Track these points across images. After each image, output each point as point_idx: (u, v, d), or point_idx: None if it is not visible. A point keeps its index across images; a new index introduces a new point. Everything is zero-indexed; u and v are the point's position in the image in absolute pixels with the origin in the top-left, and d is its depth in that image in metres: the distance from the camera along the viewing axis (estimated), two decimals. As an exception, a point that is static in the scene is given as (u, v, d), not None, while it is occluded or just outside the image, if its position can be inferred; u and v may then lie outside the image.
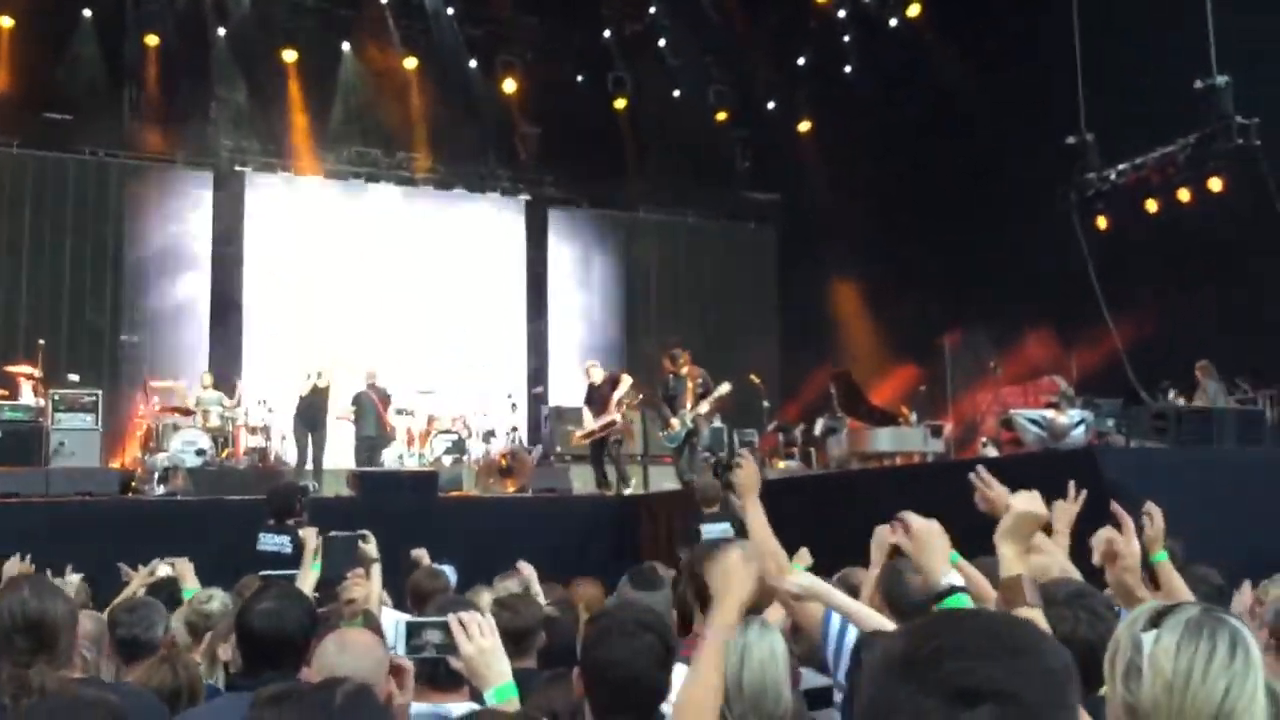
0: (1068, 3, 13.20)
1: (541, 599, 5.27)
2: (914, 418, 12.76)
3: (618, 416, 13.05)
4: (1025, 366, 13.39)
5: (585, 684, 2.53)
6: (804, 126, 17.91)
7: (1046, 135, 13.42)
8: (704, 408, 11.99)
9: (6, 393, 12.50)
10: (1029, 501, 2.67)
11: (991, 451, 10.79)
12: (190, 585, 5.22)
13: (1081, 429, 9.69)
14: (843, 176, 16.77)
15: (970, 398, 13.74)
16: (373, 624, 3.69)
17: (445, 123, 16.94)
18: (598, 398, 13.09)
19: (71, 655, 3.00)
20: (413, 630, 2.40)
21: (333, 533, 4.80)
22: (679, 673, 3.42)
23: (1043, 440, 9.72)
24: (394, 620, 3.14)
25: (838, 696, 3.43)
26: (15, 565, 5.18)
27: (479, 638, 2.35)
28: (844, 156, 16.80)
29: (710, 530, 8.23)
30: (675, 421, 12.03)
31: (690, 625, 3.99)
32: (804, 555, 4.34)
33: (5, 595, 2.89)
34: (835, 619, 3.36)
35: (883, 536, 4.10)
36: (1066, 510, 4.03)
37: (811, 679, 3.59)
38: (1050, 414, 10.16)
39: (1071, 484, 4.05)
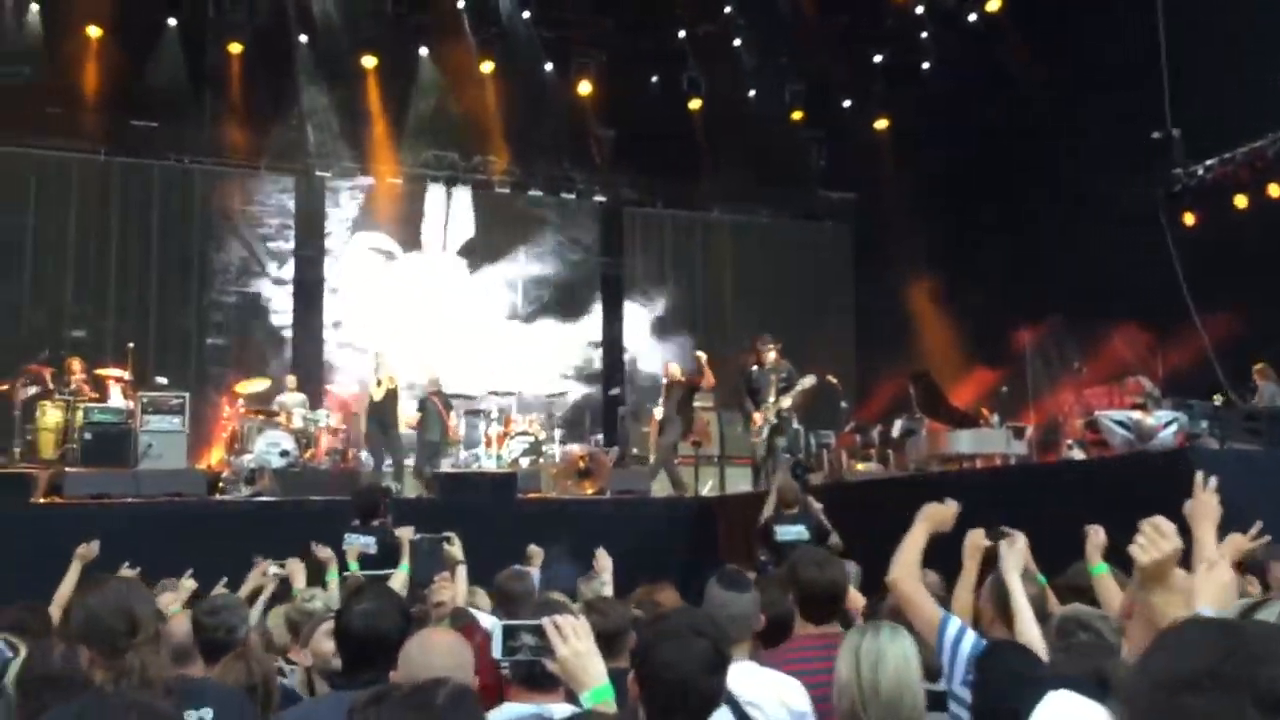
0: (1151, -2, 12.94)
1: (607, 590, 5.30)
2: (995, 419, 12.60)
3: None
4: (1109, 367, 13.13)
5: (640, 686, 2.56)
6: (880, 124, 17.75)
7: (1131, 132, 13.16)
8: (786, 401, 11.61)
9: (97, 396, 12.83)
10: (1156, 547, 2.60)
11: (1078, 454, 10.60)
12: (299, 585, 5.33)
13: (1171, 430, 9.47)
14: (919, 175, 16.59)
15: (1053, 399, 13.51)
16: (464, 622, 3.73)
17: (521, 125, 17.06)
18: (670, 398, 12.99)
19: (157, 648, 3.08)
20: (508, 633, 2.42)
21: (418, 535, 4.86)
22: (767, 681, 3.42)
23: (1130, 442, 9.53)
24: (492, 622, 3.18)
25: (950, 704, 3.39)
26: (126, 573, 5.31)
27: (574, 640, 2.36)
28: (920, 154, 16.62)
29: (786, 532, 8.19)
30: (758, 416, 11.66)
31: (785, 627, 3.98)
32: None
33: (95, 590, 2.99)
34: (952, 626, 3.32)
35: (976, 541, 4.05)
36: (1235, 543, 3.84)
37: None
38: (1137, 415, 9.96)
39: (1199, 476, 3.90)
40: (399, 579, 5.51)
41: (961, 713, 3.23)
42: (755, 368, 11.79)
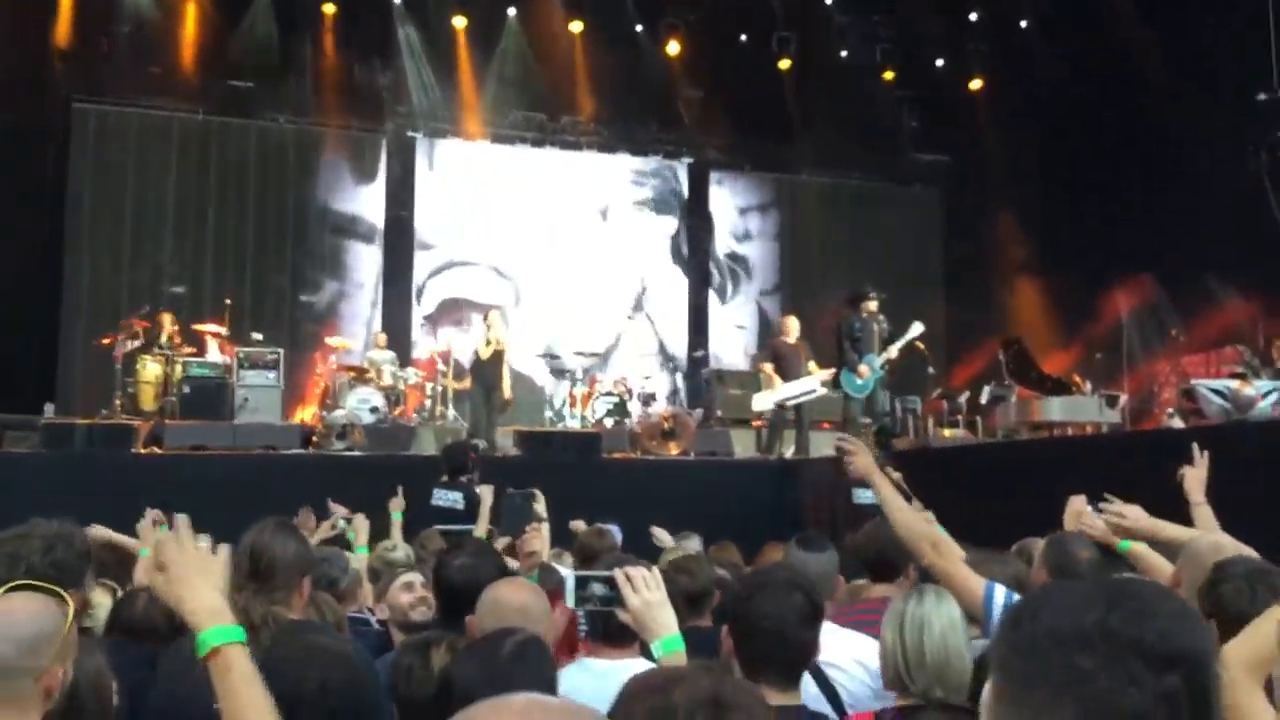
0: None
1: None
2: (1088, 386, 12.36)
3: (820, 388, 12.08)
4: (1208, 334, 12.81)
5: (735, 639, 2.59)
6: (974, 85, 17.39)
7: (1235, 94, 12.73)
8: (893, 352, 11.04)
9: (195, 350, 13.18)
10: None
11: (1178, 423, 10.35)
12: (361, 543, 5.44)
13: (1270, 400, 9.23)
14: (1014, 137, 16.24)
15: (1148, 367, 13.22)
16: (553, 579, 3.80)
17: (609, 86, 17.03)
18: (792, 357, 12.22)
19: (289, 595, 3.14)
20: (580, 583, 2.44)
21: (509, 490, 4.94)
22: (845, 641, 3.43)
23: (1226, 412, 9.30)
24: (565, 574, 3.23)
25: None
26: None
27: (645, 591, 2.37)
28: (1016, 116, 16.27)
29: (863, 496, 8.13)
30: (864, 368, 10.98)
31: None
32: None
33: (251, 530, 3.14)
34: (999, 591, 3.30)
35: (1078, 507, 3.99)
36: (1196, 476, 3.88)
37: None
38: (1235, 384, 9.71)
39: (1195, 446, 3.90)
40: (479, 534, 5.62)
41: None
42: (857, 319, 11.15)
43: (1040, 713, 1.11)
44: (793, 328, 12.37)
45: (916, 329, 10.97)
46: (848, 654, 3.37)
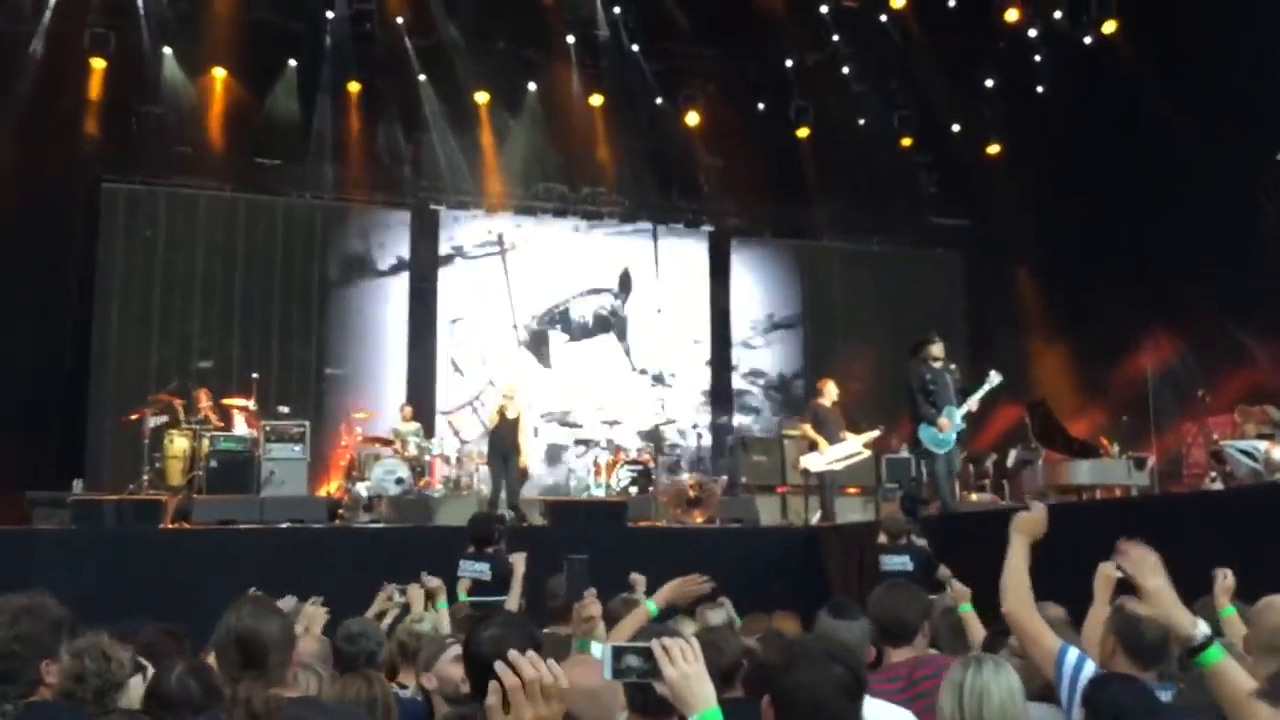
0: (1272, 18, 12.56)
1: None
2: (1115, 449, 12.29)
3: (864, 450, 12.07)
4: (1234, 394, 12.73)
5: (775, 711, 2.55)
6: (992, 149, 17.52)
7: (1253, 155, 12.79)
8: (973, 404, 10.37)
9: (223, 424, 13.26)
10: None
11: (1218, 485, 10.25)
12: (416, 610, 5.45)
13: (1300, 461, 9.17)
14: (1033, 200, 16.31)
15: (1175, 428, 13.13)
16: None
17: (629, 156, 17.24)
18: (831, 420, 12.15)
19: (284, 673, 3.16)
20: (617, 654, 2.39)
21: (570, 556, 4.96)
22: (879, 713, 3.40)
23: (1257, 473, 9.25)
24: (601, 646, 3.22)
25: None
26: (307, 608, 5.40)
27: (682, 663, 2.32)
28: (1035, 179, 16.34)
29: (890, 562, 8.12)
30: (945, 420, 10.18)
31: (880, 658, 3.99)
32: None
33: (227, 614, 3.08)
34: (1070, 655, 3.28)
35: (1108, 573, 3.98)
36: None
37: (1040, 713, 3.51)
38: (1264, 445, 9.66)
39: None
40: (511, 604, 5.61)
41: None
42: (927, 370, 10.38)
43: None
44: (830, 391, 12.32)
45: (995, 378, 10.42)
46: (880, 725, 3.34)
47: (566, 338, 17.41)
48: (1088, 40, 15.72)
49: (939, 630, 4.61)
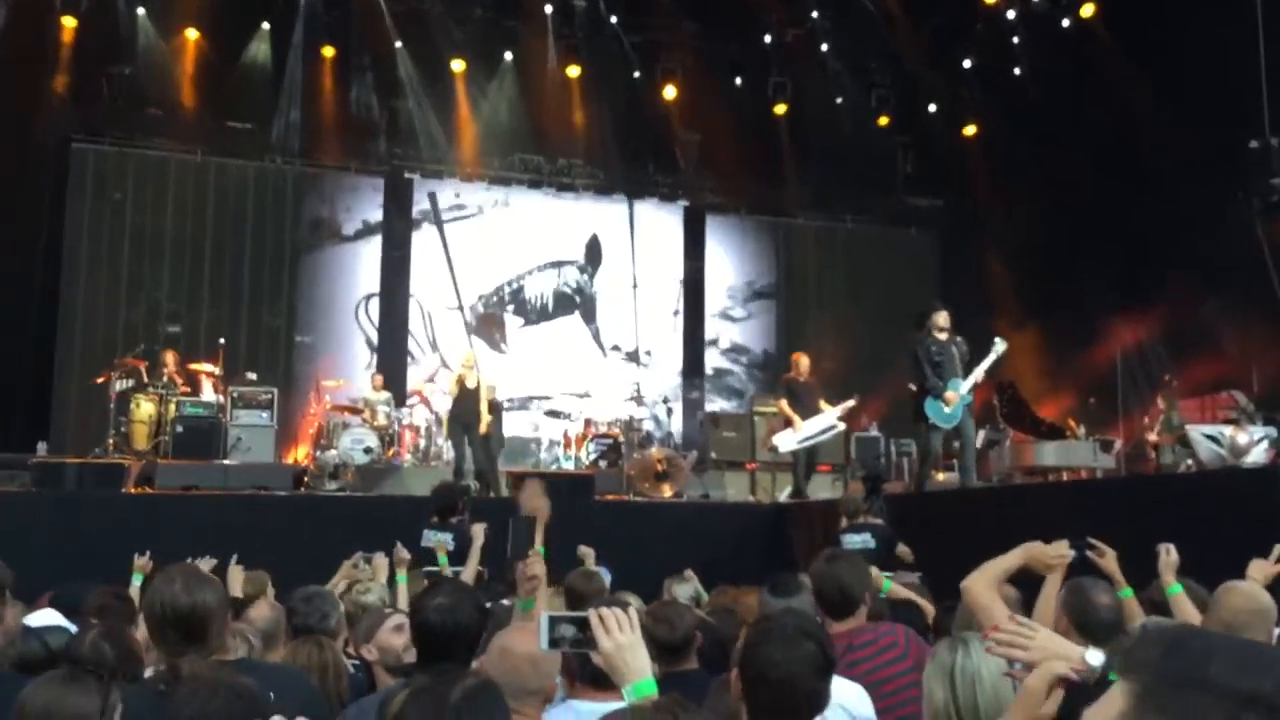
0: (1251, 5, 12.58)
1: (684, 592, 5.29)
2: (1082, 431, 12.37)
3: (839, 424, 12.02)
4: (1201, 380, 12.83)
5: (744, 686, 2.54)
6: (969, 131, 17.53)
7: (1226, 140, 12.82)
8: (979, 375, 10.19)
9: (190, 389, 13.15)
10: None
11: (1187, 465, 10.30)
12: (381, 580, 5.45)
13: (1263, 447, 9.24)
14: (1009, 181, 16.33)
15: (1141, 412, 13.23)
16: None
17: (606, 130, 17.16)
18: (805, 394, 12.09)
19: (224, 640, 3.14)
20: (553, 623, 2.39)
21: (515, 515, 4.94)
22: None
23: (1220, 458, 9.31)
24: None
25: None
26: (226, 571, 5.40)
27: (617, 632, 2.31)
28: (1010, 160, 16.36)
29: (851, 541, 8.13)
30: (951, 393, 9.99)
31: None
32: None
33: (158, 588, 3.03)
34: None
35: (1059, 551, 3.96)
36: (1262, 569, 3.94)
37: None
38: (1229, 430, 9.73)
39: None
40: (469, 574, 5.61)
41: None
42: (934, 342, 10.22)
43: None
44: (804, 365, 12.30)
45: (1000, 347, 10.17)
46: (832, 700, 3.33)
47: (521, 321, 17.30)
48: (1066, 23, 15.72)
49: (882, 609, 4.61)
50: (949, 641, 3.00)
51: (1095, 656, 2.49)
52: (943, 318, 10.30)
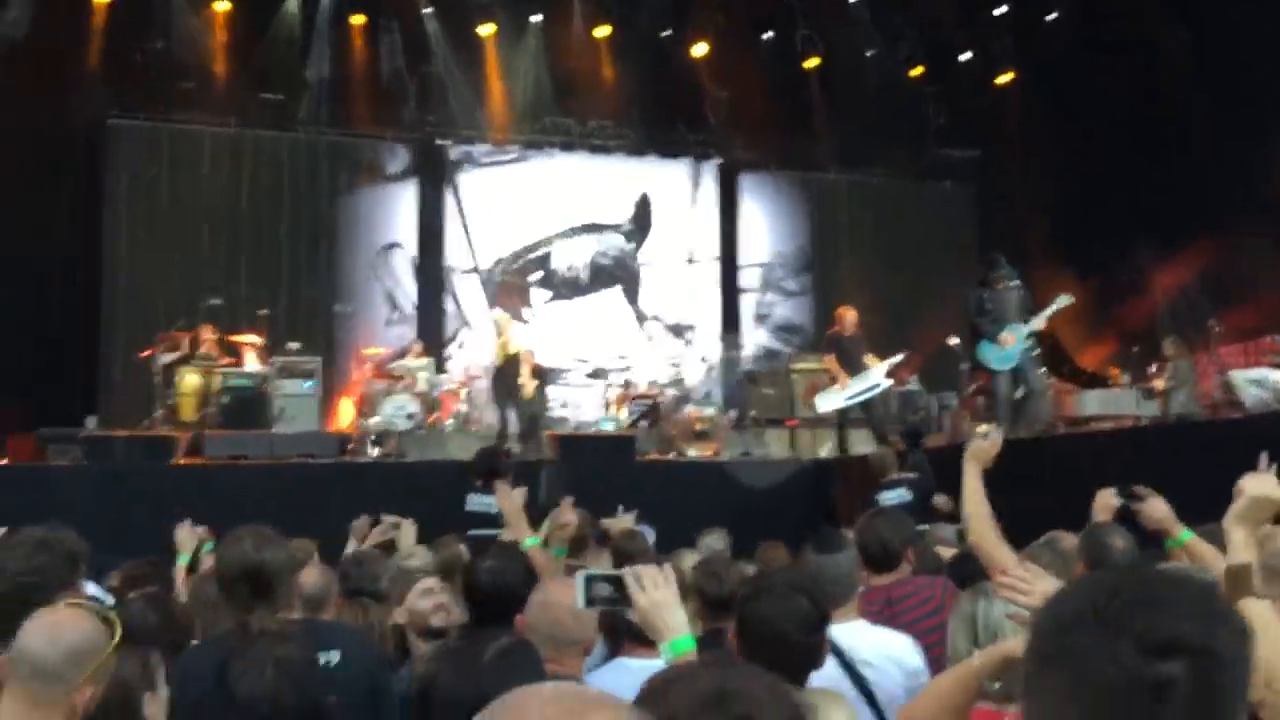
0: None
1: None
2: (1125, 379, 12.27)
3: (886, 380, 11.80)
4: (1244, 325, 12.68)
5: (739, 644, 2.58)
6: (1003, 79, 17.30)
7: (1266, 79, 12.61)
8: (1039, 323, 10.04)
9: (233, 361, 13.30)
10: (1264, 484, 2.51)
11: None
12: (405, 544, 5.52)
13: (1309, 390, 9.14)
14: (1044, 130, 16.12)
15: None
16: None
17: (637, 90, 17.07)
18: (852, 349, 11.95)
19: (290, 600, 3.24)
20: (589, 583, 2.41)
21: (550, 464, 5.02)
22: (878, 639, 3.44)
23: (1264, 402, 9.23)
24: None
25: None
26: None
27: (653, 590, 2.31)
28: (1046, 109, 16.16)
29: (887, 497, 8.15)
30: (1008, 334, 9.87)
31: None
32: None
33: (229, 547, 3.15)
34: None
35: (1107, 500, 3.99)
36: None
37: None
38: (1274, 375, 9.63)
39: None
40: (508, 536, 5.68)
41: None
42: (984, 290, 10.23)
43: (1041, 685, 1.16)
44: (850, 319, 12.08)
45: (1065, 299, 10.12)
46: (881, 652, 3.37)
47: (549, 294, 17.30)
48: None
49: (926, 560, 4.65)
50: (971, 592, 3.03)
51: None
52: (1001, 270, 10.26)
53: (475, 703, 2.01)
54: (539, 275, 17.24)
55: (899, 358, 12.02)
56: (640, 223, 17.75)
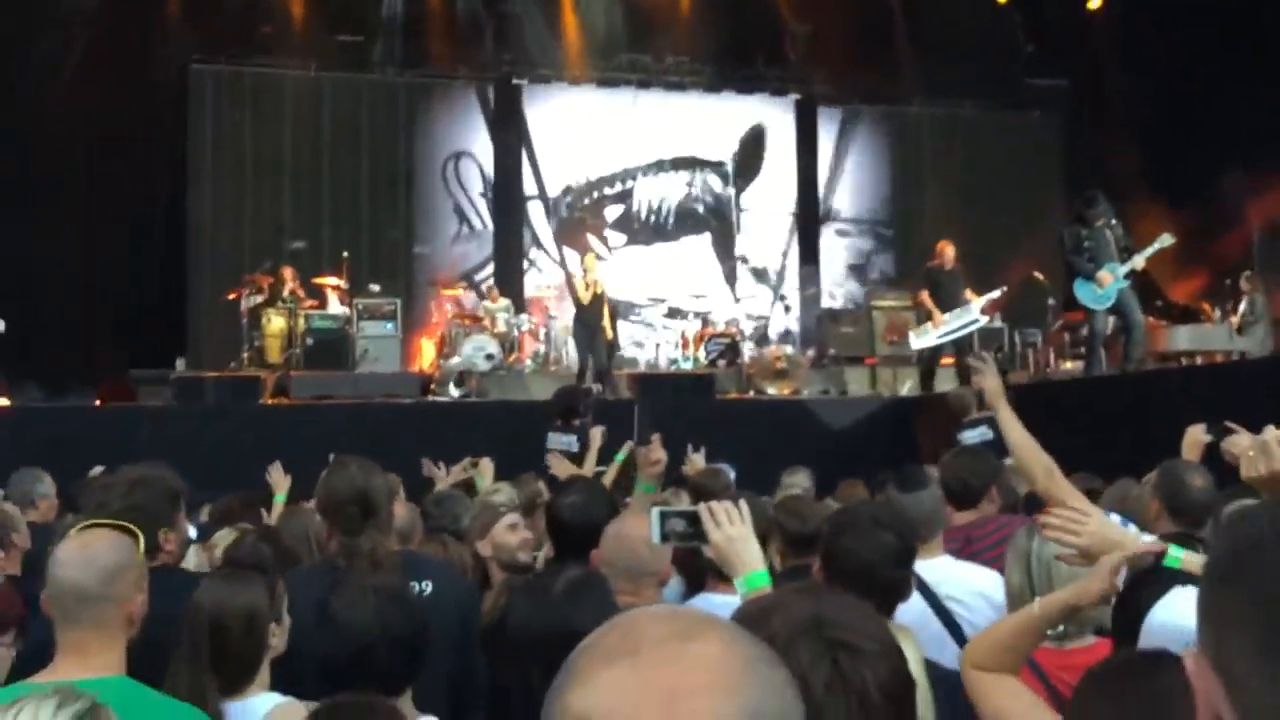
0: None
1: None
2: (1217, 314, 11.95)
3: (981, 317, 11.57)
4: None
5: (825, 578, 2.57)
6: (1093, 4, 16.73)
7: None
8: (1139, 262, 9.78)
9: (317, 303, 13.51)
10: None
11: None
12: (486, 482, 5.59)
13: None
14: (1137, 58, 15.59)
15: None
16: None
17: (714, 25, 16.80)
18: (950, 284, 11.70)
19: (390, 526, 3.34)
20: (663, 519, 2.41)
21: (642, 403, 5.08)
22: (965, 575, 3.40)
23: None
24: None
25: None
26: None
27: (727, 525, 2.32)
28: (1139, 35, 15.58)
29: (968, 436, 8.03)
30: (1105, 273, 9.67)
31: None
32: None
33: (335, 473, 3.27)
34: (1114, 520, 3.23)
35: (1196, 437, 3.90)
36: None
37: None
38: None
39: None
40: (587, 472, 5.75)
41: None
42: (1083, 228, 9.97)
43: (1219, 604, 1.11)
44: (950, 254, 11.81)
45: (1166, 239, 9.88)
46: (968, 587, 3.35)
47: (654, 210, 17.22)
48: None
49: (1008, 496, 4.59)
50: (1027, 528, 3.00)
51: (1149, 541, 2.50)
52: (1097, 207, 9.99)
53: (545, 634, 2.04)
54: (620, 211, 17.16)
55: (996, 293, 11.76)
56: (747, 161, 17.49)
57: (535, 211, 16.99)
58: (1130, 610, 2.70)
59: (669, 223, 17.28)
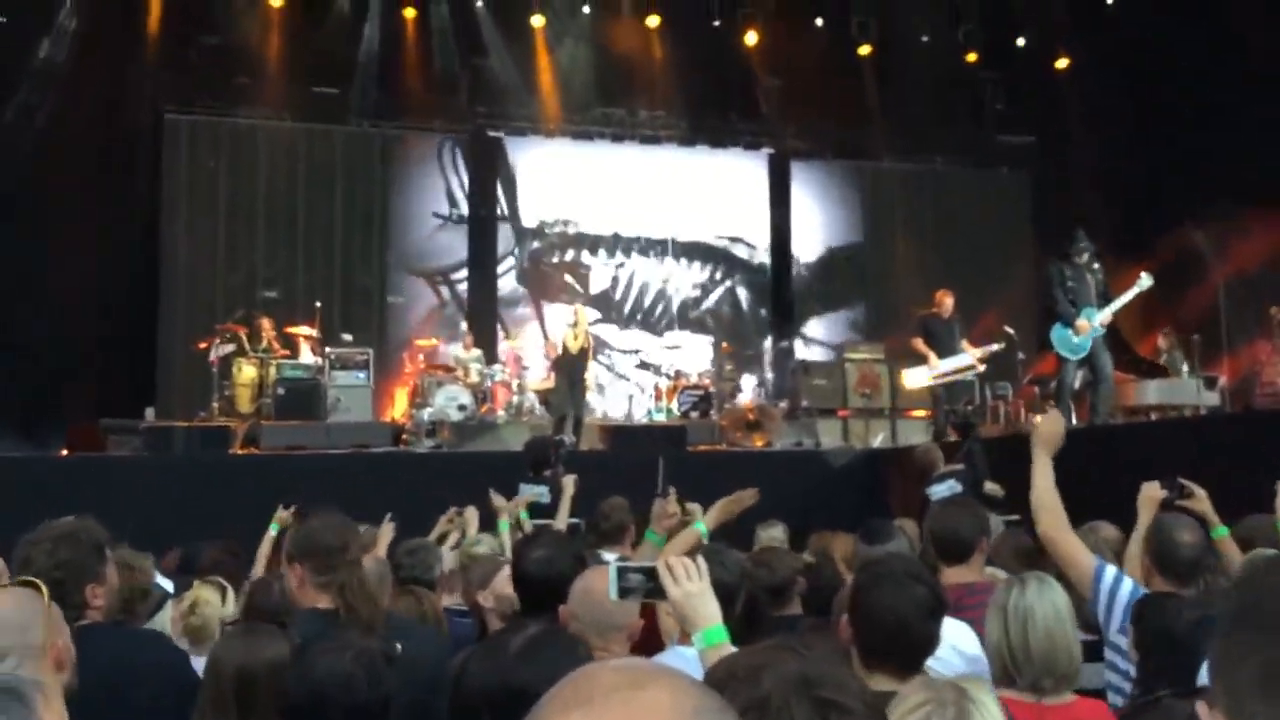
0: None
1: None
2: (1185, 369, 12.07)
3: (976, 362, 11.62)
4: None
5: (854, 630, 2.56)
6: (1061, 64, 17.03)
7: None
8: (1118, 306, 9.73)
9: (289, 353, 13.46)
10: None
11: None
12: (471, 533, 5.57)
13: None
14: (1104, 116, 15.86)
15: (1248, 348, 12.85)
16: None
17: (687, 79, 16.98)
18: (946, 333, 11.76)
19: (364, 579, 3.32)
20: (621, 574, 2.42)
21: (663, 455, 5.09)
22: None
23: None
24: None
25: (1107, 653, 3.34)
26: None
27: (685, 581, 2.33)
28: (1105, 95, 15.86)
29: (937, 491, 8.05)
30: (1084, 321, 9.59)
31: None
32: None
33: (314, 517, 3.33)
34: (1108, 574, 3.26)
35: (1151, 493, 3.95)
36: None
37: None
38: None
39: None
40: (559, 524, 5.75)
41: (1118, 660, 3.18)
42: (1067, 269, 9.87)
43: (1235, 644, 1.20)
44: (949, 304, 11.84)
45: (1145, 280, 9.70)
46: (944, 641, 3.35)
47: (627, 261, 17.30)
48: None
49: (1000, 550, 4.60)
50: (1008, 581, 3.02)
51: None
52: (1083, 244, 9.97)
53: (499, 692, 2.02)
54: (600, 286, 17.23)
55: (995, 347, 11.81)
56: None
57: (508, 262, 17.03)
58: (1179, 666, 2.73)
59: (652, 313, 17.35)
